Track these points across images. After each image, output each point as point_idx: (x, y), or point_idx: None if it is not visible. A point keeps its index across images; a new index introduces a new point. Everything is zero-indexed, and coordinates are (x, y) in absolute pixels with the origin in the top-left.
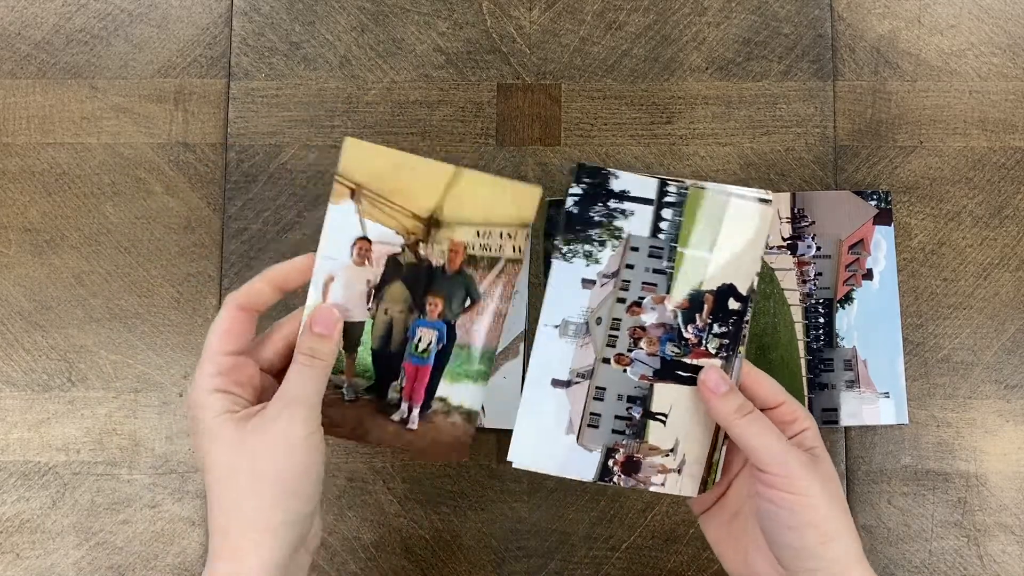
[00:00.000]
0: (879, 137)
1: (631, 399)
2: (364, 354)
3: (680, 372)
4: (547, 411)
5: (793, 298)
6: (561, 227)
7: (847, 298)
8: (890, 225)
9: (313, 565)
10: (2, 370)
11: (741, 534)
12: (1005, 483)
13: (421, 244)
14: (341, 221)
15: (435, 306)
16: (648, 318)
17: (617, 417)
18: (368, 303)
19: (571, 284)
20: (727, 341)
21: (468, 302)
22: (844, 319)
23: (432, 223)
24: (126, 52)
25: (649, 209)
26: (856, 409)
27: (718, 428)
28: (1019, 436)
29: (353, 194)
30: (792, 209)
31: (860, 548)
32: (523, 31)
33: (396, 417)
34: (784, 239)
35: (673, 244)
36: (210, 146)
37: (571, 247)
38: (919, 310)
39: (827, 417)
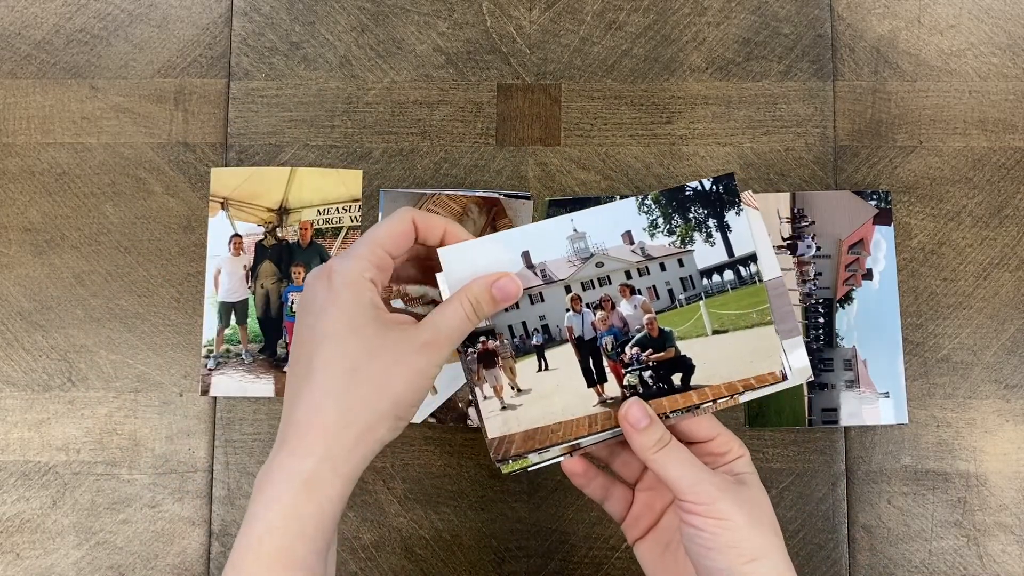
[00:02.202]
0: (879, 137)
1: (546, 329)
2: (252, 323)
3: (591, 359)
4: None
5: (793, 298)
6: (668, 198)
7: (847, 298)
8: (890, 225)
9: None
10: (2, 370)
11: (672, 564)
12: (1005, 483)
13: (278, 229)
14: (219, 227)
15: (299, 273)
16: (625, 308)
17: (523, 323)
18: (248, 283)
19: (624, 224)
20: (640, 390)
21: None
22: (844, 319)
23: (283, 211)
24: (126, 52)
25: (734, 267)
26: (856, 409)
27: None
28: (1019, 436)
29: (223, 205)
30: (792, 209)
31: (789, 569)
32: (523, 31)
33: (286, 369)
34: (784, 239)
35: (704, 297)
36: (210, 146)
37: (655, 206)
38: (919, 310)
39: (827, 417)
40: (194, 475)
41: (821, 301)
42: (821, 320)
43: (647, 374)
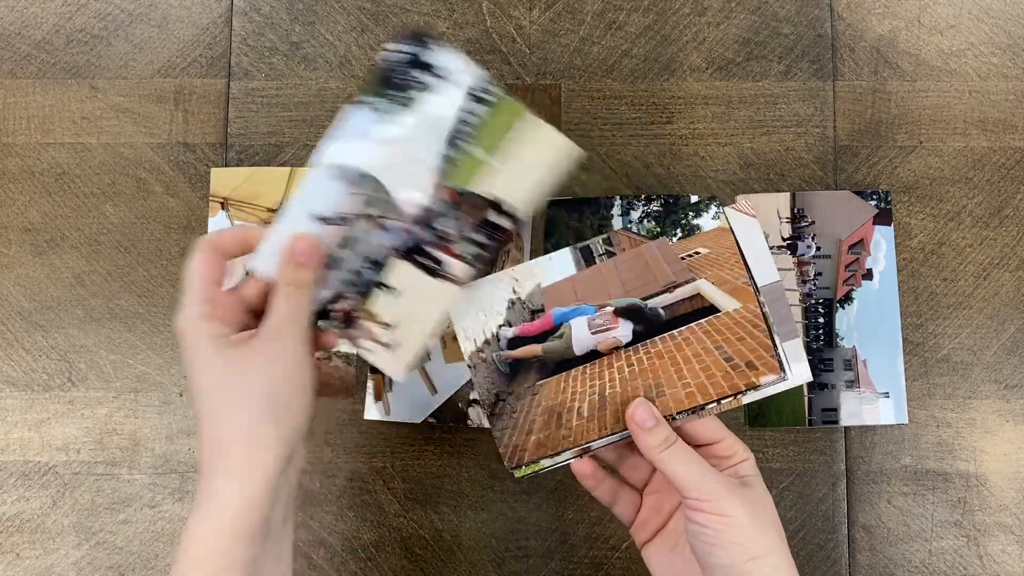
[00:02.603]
0: (879, 137)
1: (371, 261)
2: None
3: (420, 258)
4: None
5: (793, 298)
6: (374, 81)
7: (847, 298)
8: (890, 225)
9: (313, 564)
10: (2, 370)
11: (680, 565)
12: (1005, 483)
13: None
14: (219, 227)
15: None
16: (415, 196)
17: (351, 270)
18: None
19: (362, 133)
20: (484, 253)
21: None
22: (844, 319)
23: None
24: (126, 52)
25: (458, 94)
26: (856, 409)
27: None
28: (1019, 436)
29: (223, 205)
30: (792, 209)
31: (792, 569)
32: (523, 31)
33: None
34: (784, 239)
35: (467, 139)
36: (210, 146)
37: (370, 96)
38: (919, 310)
39: (827, 417)
40: (194, 475)
41: (821, 301)
42: (821, 320)
43: (477, 236)
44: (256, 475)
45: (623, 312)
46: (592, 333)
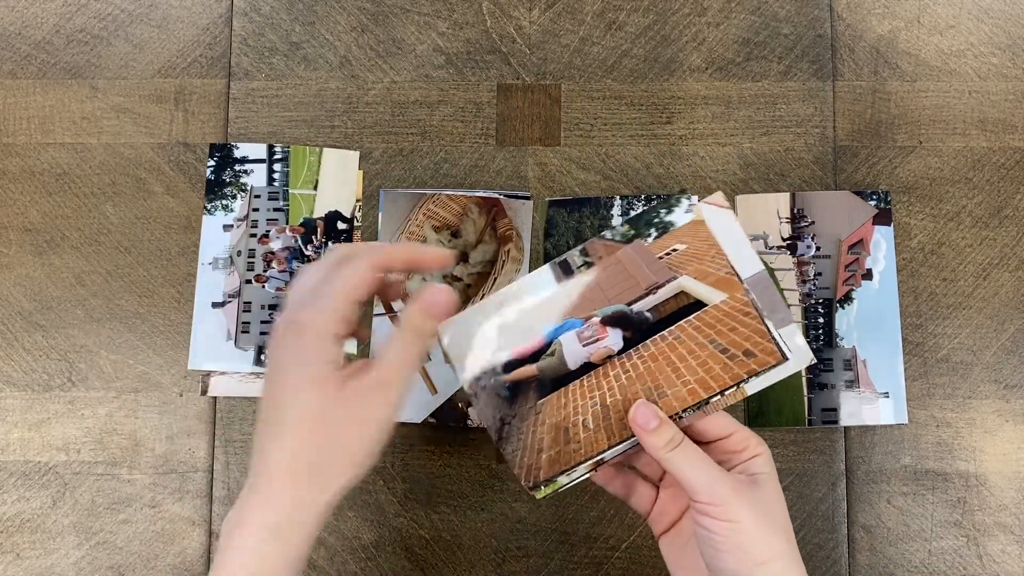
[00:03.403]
0: (879, 137)
1: (271, 307)
2: None
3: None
4: (211, 327)
5: (793, 298)
6: (205, 190)
7: (847, 298)
8: (890, 225)
9: (313, 564)
10: (2, 370)
11: (692, 560)
12: (1005, 483)
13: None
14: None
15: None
16: (275, 244)
17: (263, 322)
18: None
19: (216, 230)
20: None
21: None
22: (844, 319)
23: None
24: (126, 52)
25: (263, 166)
26: (856, 409)
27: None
28: (1018, 436)
29: None
30: (792, 209)
31: (799, 572)
32: (523, 31)
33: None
34: (784, 239)
35: (285, 188)
36: (210, 146)
37: (212, 203)
38: (919, 310)
39: (827, 417)
40: (194, 475)
41: (821, 301)
42: (821, 320)
43: (332, 245)
44: (319, 517)
45: (610, 320)
46: (583, 346)
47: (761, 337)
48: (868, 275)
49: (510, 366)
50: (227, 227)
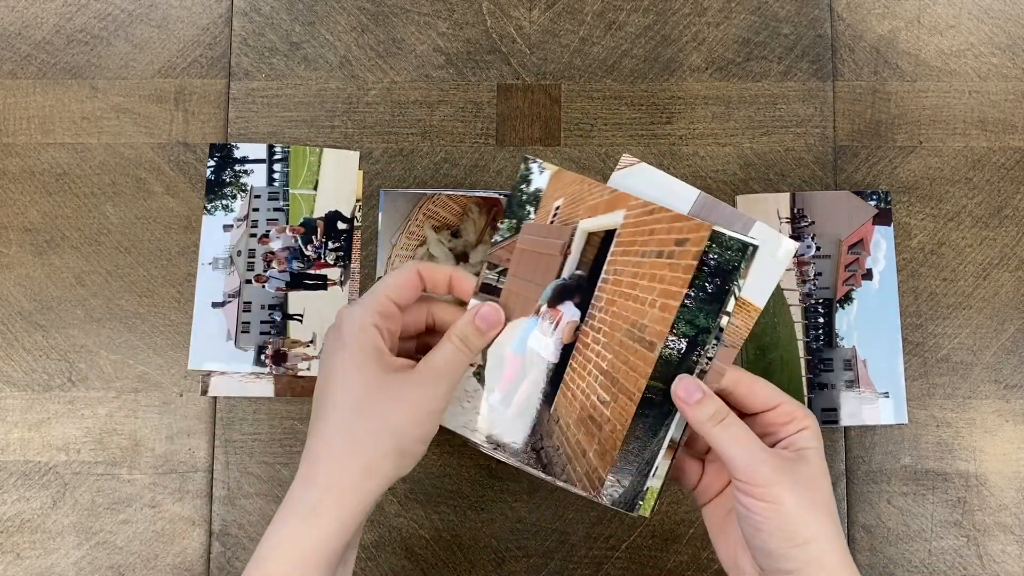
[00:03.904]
0: (879, 137)
1: (271, 307)
2: None
3: (307, 281)
4: (211, 327)
5: (793, 298)
6: (205, 190)
7: (847, 298)
8: (890, 225)
9: None
10: (2, 370)
11: (733, 530)
12: (1005, 483)
13: None
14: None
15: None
16: (275, 244)
17: (263, 322)
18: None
19: (216, 230)
20: (341, 253)
21: None
22: (844, 319)
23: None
24: (126, 52)
25: (263, 166)
26: (856, 409)
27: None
28: (1019, 436)
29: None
30: (792, 209)
31: (842, 550)
32: (523, 31)
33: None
34: None
35: (285, 188)
36: (210, 146)
37: (212, 203)
38: (919, 310)
39: (827, 417)
40: (194, 475)
41: (821, 301)
42: (821, 320)
43: (332, 246)
44: (360, 503)
45: (555, 299)
46: (552, 335)
47: (679, 221)
48: (868, 275)
49: (507, 400)
50: (227, 227)
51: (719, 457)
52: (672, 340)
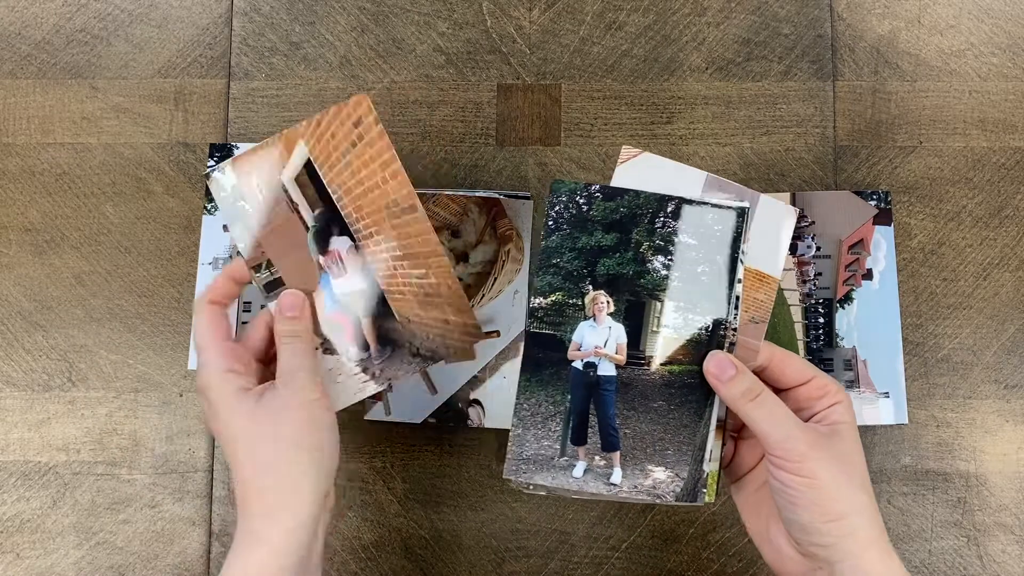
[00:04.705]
0: (879, 137)
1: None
2: None
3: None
4: None
5: (793, 298)
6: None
7: (847, 298)
8: (890, 225)
9: None
10: (2, 370)
11: (764, 505)
12: (1005, 483)
13: None
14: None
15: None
16: None
17: None
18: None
19: (216, 230)
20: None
21: None
22: (844, 319)
23: None
24: (126, 52)
25: None
26: (856, 409)
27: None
28: (1019, 436)
29: None
30: None
31: (878, 527)
32: (523, 31)
33: None
34: None
35: None
36: (210, 146)
37: (212, 203)
38: (919, 310)
39: None
40: (194, 475)
41: (821, 301)
42: (821, 320)
43: None
44: (295, 515)
45: (322, 246)
46: (346, 272)
47: (341, 111)
48: (868, 275)
49: (361, 344)
50: (227, 227)
51: (753, 433)
52: (696, 319)
